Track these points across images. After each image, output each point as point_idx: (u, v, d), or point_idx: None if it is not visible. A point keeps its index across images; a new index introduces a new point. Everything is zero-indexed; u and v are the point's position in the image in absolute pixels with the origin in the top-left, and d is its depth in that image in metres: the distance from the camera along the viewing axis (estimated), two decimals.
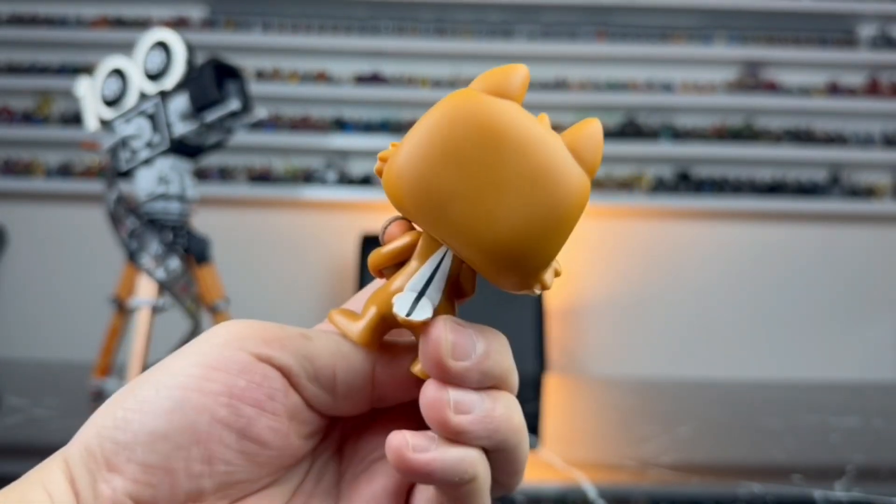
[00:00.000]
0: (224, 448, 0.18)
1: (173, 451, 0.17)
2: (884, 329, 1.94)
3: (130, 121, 0.74)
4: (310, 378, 0.19)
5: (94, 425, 0.19)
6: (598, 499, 0.46)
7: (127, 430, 0.18)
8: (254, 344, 0.18)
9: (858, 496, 0.47)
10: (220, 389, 0.18)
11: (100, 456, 0.18)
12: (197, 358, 0.18)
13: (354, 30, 1.95)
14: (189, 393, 0.18)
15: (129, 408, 0.18)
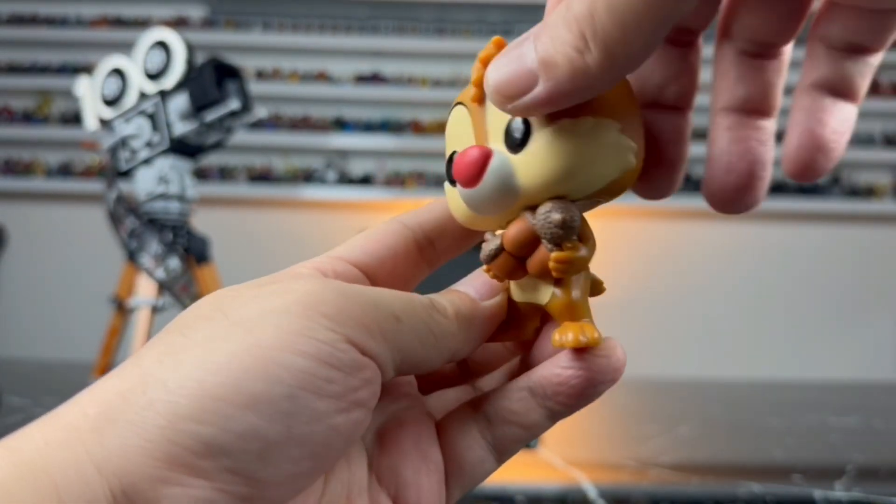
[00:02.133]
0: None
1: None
2: (884, 329, 1.94)
3: (130, 120, 0.74)
4: (394, 370, 0.16)
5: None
6: (598, 499, 0.46)
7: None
8: (352, 327, 0.15)
9: (858, 496, 0.47)
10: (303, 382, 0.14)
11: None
12: (275, 332, 0.14)
13: (354, 29, 1.95)
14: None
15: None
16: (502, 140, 0.17)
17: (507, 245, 0.18)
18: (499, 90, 0.15)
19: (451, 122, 0.19)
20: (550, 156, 0.17)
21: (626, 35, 0.14)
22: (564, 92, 0.15)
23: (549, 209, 0.17)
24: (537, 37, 0.15)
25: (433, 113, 1.94)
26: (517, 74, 0.15)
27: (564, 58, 0.14)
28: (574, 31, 0.14)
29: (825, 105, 0.16)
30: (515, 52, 0.15)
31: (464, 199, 0.17)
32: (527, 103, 0.15)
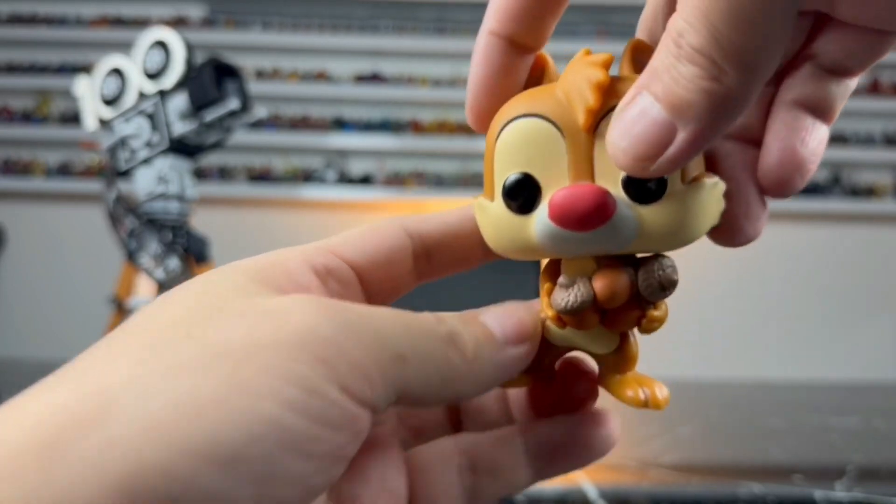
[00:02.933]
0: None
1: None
2: (884, 329, 1.94)
3: (130, 120, 0.74)
4: (386, 407, 0.14)
5: None
6: (598, 499, 0.46)
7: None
8: (349, 374, 0.13)
9: (859, 496, 0.47)
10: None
11: None
12: (263, 376, 0.12)
13: (354, 29, 1.95)
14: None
15: None
16: (618, 184, 0.15)
17: (605, 300, 0.16)
18: (638, 156, 0.14)
19: (525, 137, 0.16)
20: (680, 213, 0.15)
21: (758, 39, 0.13)
22: (711, 127, 0.14)
23: (663, 268, 0.16)
24: (649, 87, 0.14)
25: (433, 113, 1.93)
26: (650, 132, 0.14)
27: (700, 93, 0.13)
28: (700, 62, 0.13)
29: (806, 124, 0.16)
30: (631, 113, 0.14)
31: (548, 236, 0.16)
32: (672, 157, 0.14)
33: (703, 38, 0.13)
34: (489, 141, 0.17)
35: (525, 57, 0.17)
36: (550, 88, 0.16)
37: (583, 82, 0.15)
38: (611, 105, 0.15)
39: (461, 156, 1.93)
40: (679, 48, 0.13)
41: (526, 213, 0.16)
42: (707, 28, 0.13)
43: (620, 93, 0.15)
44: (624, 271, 0.16)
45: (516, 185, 0.16)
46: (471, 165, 1.94)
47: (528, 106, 0.16)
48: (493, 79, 0.17)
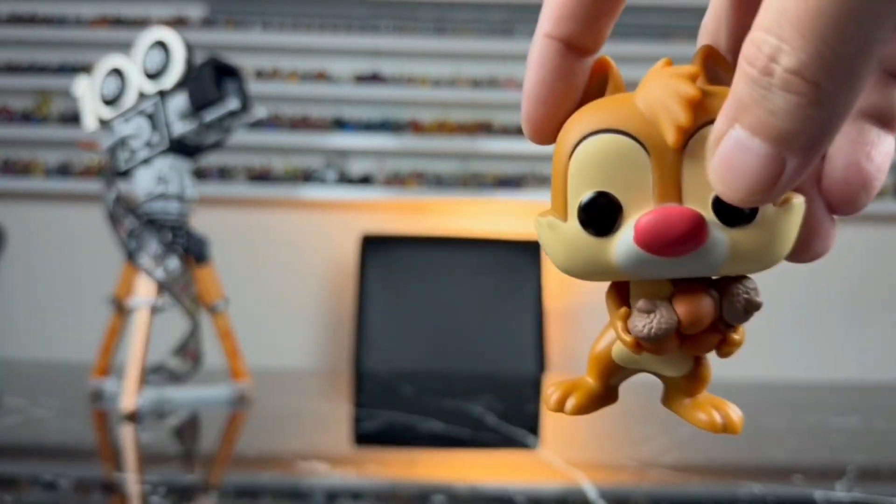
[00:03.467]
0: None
1: None
2: (884, 329, 1.94)
3: (129, 120, 0.74)
4: None
5: None
6: (598, 499, 0.46)
7: None
8: None
9: (859, 496, 0.47)
10: None
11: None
12: None
13: (354, 29, 1.95)
14: None
15: None
16: (707, 206, 0.15)
17: (689, 325, 0.16)
18: (752, 191, 0.13)
19: (606, 154, 0.15)
20: (770, 235, 0.15)
21: (866, 44, 0.11)
22: (819, 148, 0.13)
23: (748, 291, 0.16)
24: (739, 120, 0.13)
25: (433, 113, 1.93)
26: (758, 167, 0.13)
27: (804, 121, 0.12)
28: (799, 89, 0.12)
29: (872, 138, 0.15)
30: (727, 148, 0.13)
31: (632, 260, 0.15)
32: (786, 185, 0.13)
33: (807, 56, 0.11)
34: (560, 155, 0.16)
35: (583, 60, 0.16)
36: (629, 100, 0.15)
37: (671, 97, 0.14)
38: (700, 122, 0.14)
39: (461, 156, 1.93)
40: (769, 75, 0.12)
41: (605, 234, 0.15)
42: (812, 43, 0.11)
43: (709, 109, 0.14)
44: (707, 294, 0.16)
45: (596, 204, 0.15)
46: (471, 165, 1.94)
47: (608, 120, 0.15)
48: (552, 85, 0.16)
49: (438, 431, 0.66)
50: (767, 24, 0.12)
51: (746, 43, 0.12)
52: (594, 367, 0.18)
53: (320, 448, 0.61)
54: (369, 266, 1.55)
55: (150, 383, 0.73)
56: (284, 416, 0.74)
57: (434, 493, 0.47)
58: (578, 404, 0.18)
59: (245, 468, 0.54)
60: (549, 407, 0.18)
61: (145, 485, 0.47)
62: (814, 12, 0.11)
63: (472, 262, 1.56)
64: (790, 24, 0.11)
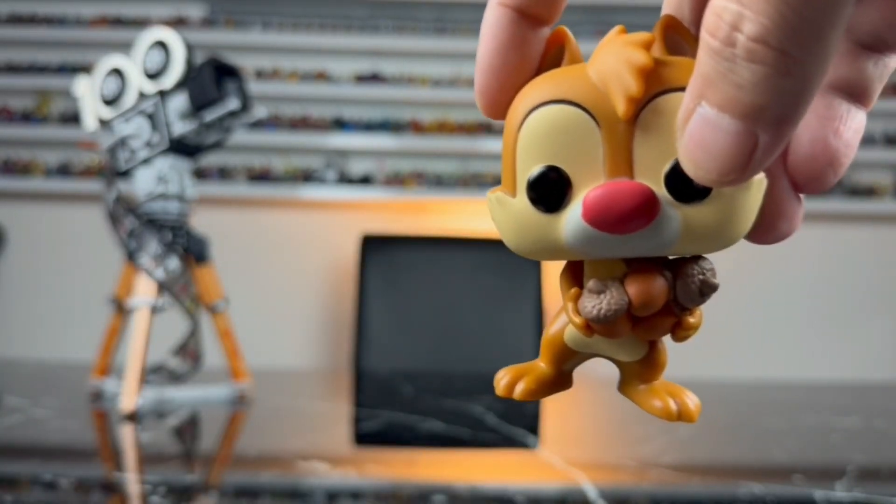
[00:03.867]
0: None
1: None
2: (884, 329, 1.94)
3: (129, 120, 0.74)
4: None
5: None
6: (598, 499, 0.46)
7: None
8: None
9: (859, 496, 0.47)
10: None
11: None
12: None
13: (354, 29, 1.95)
14: None
15: None
16: (660, 180, 0.14)
17: (640, 307, 0.15)
18: (725, 171, 0.12)
19: (550, 126, 0.14)
20: (727, 212, 0.14)
21: (833, 7, 0.11)
22: (793, 121, 0.12)
23: (703, 272, 0.15)
24: (706, 96, 0.12)
25: (433, 113, 1.93)
26: (729, 144, 0.12)
27: (772, 92, 0.11)
28: (765, 58, 0.11)
29: (841, 112, 0.15)
30: (696, 127, 0.12)
31: (580, 237, 0.14)
32: (761, 162, 0.12)
33: (771, 21, 0.11)
34: (510, 128, 0.15)
35: (538, 31, 0.16)
36: (581, 70, 0.14)
37: (622, 66, 0.13)
38: (653, 92, 0.14)
39: (461, 156, 1.93)
40: (732, 46, 0.11)
41: (554, 211, 0.15)
42: (775, 7, 0.11)
43: (664, 78, 0.14)
44: (660, 275, 0.15)
45: (544, 179, 0.14)
46: (471, 165, 1.94)
47: (558, 90, 0.14)
48: (505, 56, 0.15)
49: (438, 431, 0.66)
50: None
51: (707, 12, 0.12)
52: (547, 351, 0.18)
53: (320, 448, 0.61)
54: (369, 266, 1.55)
55: (150, 383, 0.73)
56: (284, 416, 0.74)
57: (434, 493, 0.47)
58: (528, 388, 0.17)
59: (245, 468, 0.54)
60: (497, 391, 0.18)
61: (145, 485, 0.47)
62: None
63: (472, 262, 1.56)
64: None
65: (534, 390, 0.18)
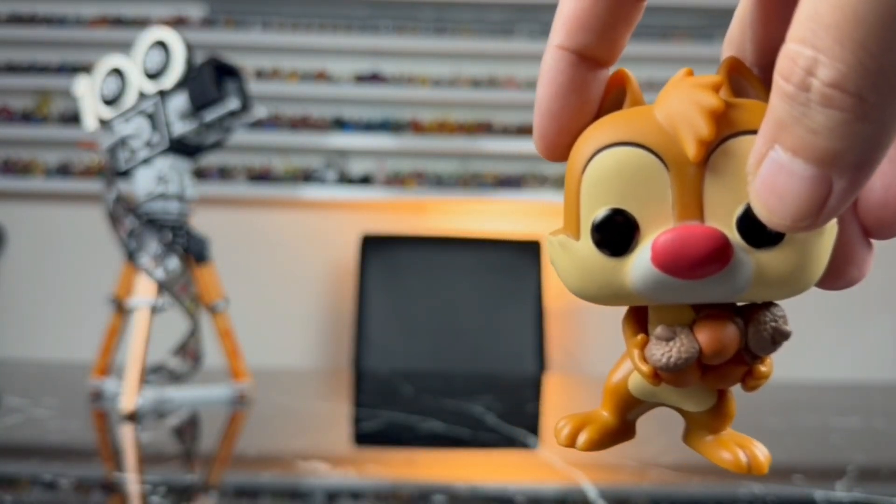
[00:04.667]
0: None
1: None
2: (884, 329, 1.94)
3: (129, 120, 0.74)
4: None
5: None
6: (598, 499, 0.46)
7: None
8: None
9: (859, 496, 0.47)
10: None
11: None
12: None
13: (354, 29, 1.95)
14: None
15: None
16: (732, 225, 0.14)
17: (711, 355, 0.14)
18: (799, 217, 0.12)
19: (621, 168, 0.14)
20: (800, 258, 0.14)
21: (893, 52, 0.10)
22: (869, 168, 0.12)
23: (776, 319, 0.15)
24: (779, 140, 0.12)
25: (433, 113, 1.93)
26: (803, 190, 0.12)
27: (849, 138, 0.11)
28: (841, 104, 0.11)
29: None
30: (768, 171, 0.12)
31: (649, 283, 0.14)
32: (835, 209, 0.12)
33: (847, 67, 0.10)
34: (573, 170, 0.15)
35: (598, 73, 0.16)
36: (647, 112, 0.14)
37: (692, 108, 0.13)
38: (724, 135, 0.13)
39: (461, 156, 1.93)
40: (806, 90, 0.11)
41: (621, 254, 0.14)
42: (852, 53, 0.10)
43: (733, 121, 0.13)
44: (731, 322, 0.15)
45: (610, 222, 0.14)
46: (471, 165, 1.94)
47: (624, 132, 0.14)
48: (565, 99, 0.15)
49: (438, 431, 0.66)
50: (802, 34, 0.11)
51: (780, 56, 0.12)
52: (610, 400, 0.17)
53: (320, 448, 0.61)
54: (369, 266, 1.55)
55: (150, 383, 0.73)
56: (284, 416, 0.74)
57: (434, 492, 0.47)
58: (591, 439, 0.17)
59: (245, 468, 0.54)
60: (559, 441, 0.17)
61: (145, 485, 0.47)
62: (851, 18, 0.10)
63: (472, 262, 1.56)
64: (826, 33, 0.10)
65: (597, 441, 0.17)
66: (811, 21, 0.11)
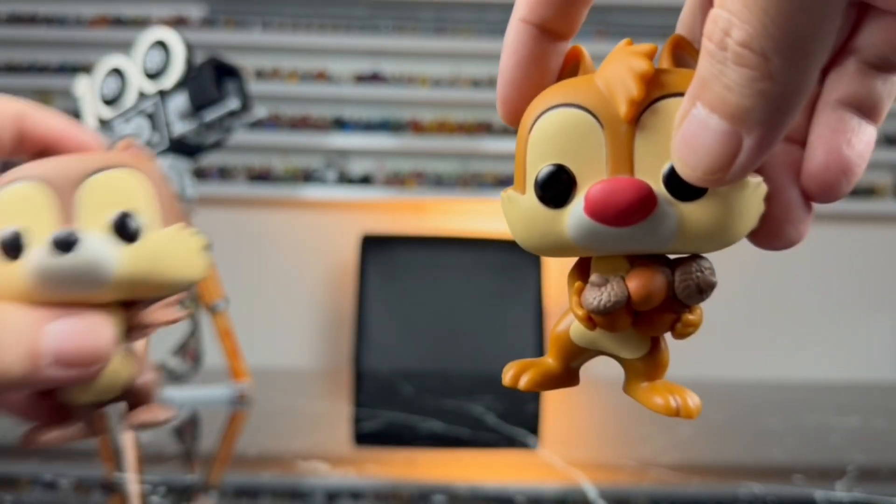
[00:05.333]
0: None
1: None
2: (884, 329, 1.94)
3: (129, 120, 0.74)
4: None
5: None
6: (598, 499, 0.46)
7: None
8: None
9: (859, 496, 0.47)
10: None
11: None
12: None
13: (354, 29, 1.95)
14: None
15: None
16: (659, 179, 0.15)
17: (640, 301, 0.16)
18: (709, 170, 0.13)
19: (557, 127, 0.15)
20: (723, 212, 0.15)
21: (813, 21, 0.12)
22: (776, 128, 0.13)
23: (701, 270, 0.16)
24: (700, 97, 0.13)
25: (433, 113, 1.93)
26: (716, 144, 0.13)
27: (757, 96, 0.12)
28: (750, 62, 0.12)
29: (853, 125, 0.16)
30: (689, 127, 0.13)
31: (583, 232, 0.15)
32: (744, 165, 0.13)
33: (753, 29, 0.12)
34: (522, 131, 0.16)
35: (557, 45, 0.17)
36: (589, 79, 0.16)
37: (625, 72, 0.15)
38: (654, 96, 0.15)
39: (461, 156, 1.93)
40: (724, 49, 0.12)
41: (559, 206, 0.15)
42: (757, 16, 0.12)
43: (664, 84, 0.15)
44: (660, 271, 0.16)
45: (550, 177, 0.15)
46: (471, 165, 1.94)
47: (566, 95, 0.15)
48: (526, 69, 0.17)
49: (438, 431, 0.66)
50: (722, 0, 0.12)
51: (707, 19, 0.13)
52: (554, 347, 0.19)
53: (320, 448, 0.62)
54: (369, 266, 1.55)
55: None
56: (284, 416, 0.74)
57: (434, 492, 0.47)
58: (532, 380, 0.18)
59: (245, 468, 0.54)
60: (503, 382, 0.18)
61: (145, 485, 0.47)
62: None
63: (472, 262, 1.56)
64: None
65: (538, 382, 0.18)
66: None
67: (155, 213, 0.17)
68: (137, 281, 0.17)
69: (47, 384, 0.16)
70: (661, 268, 0.16)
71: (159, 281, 0.17)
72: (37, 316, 0.16)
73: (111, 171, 0.18)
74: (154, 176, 0.18)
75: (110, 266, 0.16)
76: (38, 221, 0.17)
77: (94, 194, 0.17)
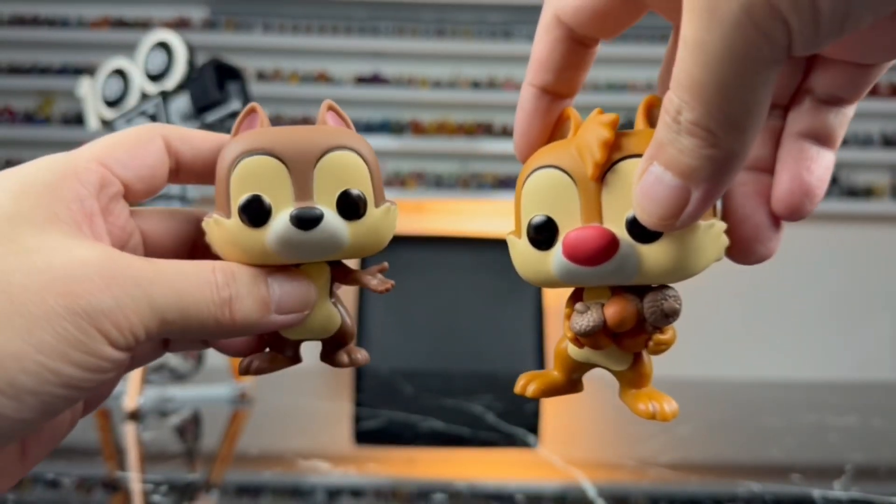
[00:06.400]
0: None
1: None
2: (883, 329, 1.95)
3: (132, 121, 0.75)
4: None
5: None
6: (597, 498, 0.46)
7: None
8: (107, 329, 0.18)
9: (857, 495, 0.47)
10: None
11: None
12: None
13: (355, 30, 1.95)
14: None
15: None
16: (622, 225, 0.18)
17: (614, 325, 0.19)
18: (663, 216, 0.16)
19: (542, 185, 0.19)
20: (677, 251, 0.18)
21: (746, 107, 0.15)
22: (718, 184, 0.16)
23: (666, 298, 0.19)
24: (657, 157, 0.16)
25: (433, 114, 1.94)
26: (668, 196, 0.16)
27: (704, 159, 0.15)
28: (698, 134, 0.15)
29: (812, 154, 0.18)
30: (648, 181, 0.16)
31: (564, 270, 0.18)
32: (691, 214, 0.16)
33: (699, 113, 0.15)
34: (518, 186, 0.20)
35: (560, 103, 0.21)
36: (568, 142, 0.19)
37: (592, 140, 0.18)
38: (615, 158, 0.18)
39: (461, 156, 1.93)
40: (678, 124, 0.15)
41: (546, 249, 0.19)
42: (701, 104, 0.15)
43: (623, 147, 0.18)
44: (632, 300, 0.19)
45: (538, 225, 0.19)
46: (470, 166, 1.94)
47: (549, 158, 0.19)
48: (534, 123, 0.20)
49: (438, 430, 0.66)
50: (674, 86, 0.15)
51: (664, 97, 0.16)
52: (556, 361, 0.22)
53: (321, 447, 0.62)
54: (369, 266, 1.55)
55: (152, 382, 0.73)
56: (285, 415, 0.74)
57: (434, 491, 0.47)
58: (538, 388, 0.21)
59: (246, 467, 0.55)
60: (515, 390, 0.22)
61: (147, 483, 0.47)
62: (699, 82, 0.15)
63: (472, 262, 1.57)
64: (687, 90, 0.15)
65: (543, 390, 0.22)
66: (679, 78, 0.15)
67: (370, 192, 0.21)
68: (357, 252, 0.21)
69: (270, 327, 0.20)
70: (634, 296, 0.19)
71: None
72: (262, 274, 0.20)
73: (340, 151, 0.22)
74: (370, 158, 0.22)
75: (344, 241, 0.20)
76: (277, 194, 0.20)
77: (327, 173, 0.20)
